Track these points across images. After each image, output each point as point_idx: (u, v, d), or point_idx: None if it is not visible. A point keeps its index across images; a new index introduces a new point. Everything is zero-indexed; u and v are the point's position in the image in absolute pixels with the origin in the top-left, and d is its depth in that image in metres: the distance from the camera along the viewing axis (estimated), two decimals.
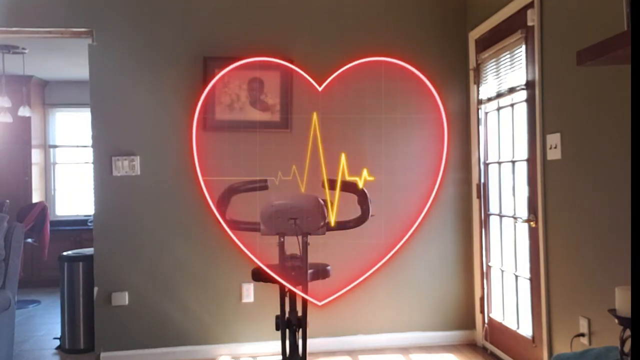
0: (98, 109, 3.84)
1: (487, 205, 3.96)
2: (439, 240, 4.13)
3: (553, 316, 3.11)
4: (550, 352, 3.13)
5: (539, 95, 3.15)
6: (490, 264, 3.94)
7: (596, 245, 2.69)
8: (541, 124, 3.14)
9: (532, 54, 3.22)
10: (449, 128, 4.05)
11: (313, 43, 4.00)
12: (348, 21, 4.06)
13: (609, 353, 1.99)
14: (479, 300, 4.05)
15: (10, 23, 3.81)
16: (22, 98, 6.77)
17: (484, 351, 3.95)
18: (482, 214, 4.00)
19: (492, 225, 3.93)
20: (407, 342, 4.05)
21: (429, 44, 4.13)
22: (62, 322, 4.14)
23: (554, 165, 3.05)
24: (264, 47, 3.92)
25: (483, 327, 4.00)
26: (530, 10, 3.19)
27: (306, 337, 2.70)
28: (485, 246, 3.99)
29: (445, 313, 4.12)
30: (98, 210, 3.84)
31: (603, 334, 2.64)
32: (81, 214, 7.36)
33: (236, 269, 3.85)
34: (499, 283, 3.84)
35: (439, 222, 4.12)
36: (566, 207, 2.96)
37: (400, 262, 4.04)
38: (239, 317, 3.93)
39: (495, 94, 3.73)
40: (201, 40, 3.89)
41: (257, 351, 3.90)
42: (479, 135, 4.01)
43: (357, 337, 4.02)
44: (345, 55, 3.95)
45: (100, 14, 3.82)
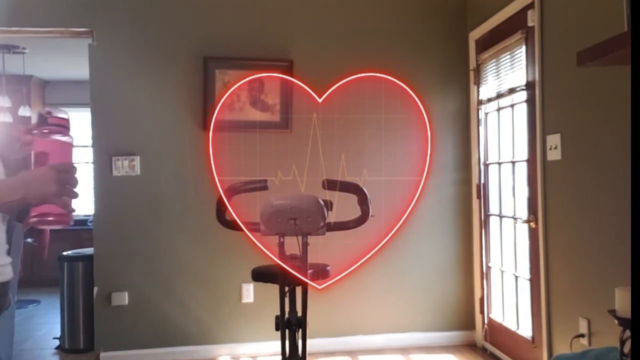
0: (98, 109, 3.84)
1: (487, 205, 3.96)
2: (439, 241, 4.13)
3: (553, 317, 3.11)
4: (550, 353, 3.13)
5: (539, 95, 3.15)
6: (490, 265, 3.94)
7: (596, 245, 2.69)
8: (541, 125, 3.14)
9: (532, 54, 3.22)
10: (448, 129, 4.05)
11: (313, 42, 4.00)
12: (348, 20, 4.06)
13: (609, 354, 1.99)
14: (479, 300, 4.05)
15: (10, 23, 3.81)
16: (22, 98, 6.76)
17: (484, 352, 3.94)
18: (482, 215, 4.00)
19: (492, 226, 3.93)
20: (407, 342, 4.05)
21: (429, 44, 4.13)
22: (62, 322, 4.14)
23: (554, 165, 3.05)
24: (264, 47, 3.92)
25: (483, 327, 4.00)
26: (531, 10, 3.19)
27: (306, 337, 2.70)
28: (485, 247, 3.99)
29: (445, 313, 4.12)
30: (98, 210, 3.84)
31: (603, 334, 2.64)
32: (81, 213, 7.35)
33: (236, 269, 3.85)
34: (498, 283, 3.84)
35: (439, 223, 4.12)
36: (566, 208, 2.96)
37: (400, 262, 4.04)
38: (239, 317, 3.92)
39: (496, 95, 3.73)
40: (201, 40, 3.89)
41: (257, 351, 3.90)
42: (479, 135, 4.01)
43: (357, 337, 4.02)
44: (346, 55, 3.95)
45: (100, 14, 3.82)
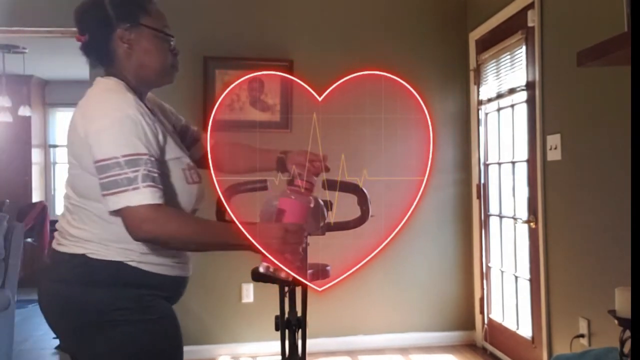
0: None
1: (487, 205, 3.96)
2: (438, 241, 4.12)
3: (553, 317, 3.11)
4: (549, 353, 3.13)
5: (539, 96, 3.15)
6: (490, 265, 3.94)
7: (596, 245, 2.69)
8: (541, 125, 3.14)
9: (532, 54, 3.22)
10: (448, 129, 4.05)
11: (313, 42, 4.00)
12: (348, 20, 4.06)
13: (609, 354, 1.99)
14: (479, 300, 4.05)
15: (10, 23, 3.81)
16: (23, 97, 6.77)
17: (484, 352, 3.94)
18: (482, 215, 4.00)
19: (492, 226, 3.93)
20: (406, 342, 4.05)
21: (430, 44, 4.13)
22: None
23: (554, 166, 3.05)
24: (264, 47, 3.92)
25: (483, 327, 4.00)
26: (531, 11, 3.19)
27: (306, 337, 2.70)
28: (485, 247, 3.99)
29: (444, 313, 4.12)
30: None
31: (603, 335, 2.63)
32: None
33: (236, 269, 3.84)
34: (498, 284, 3.84)
35: (439, 223, 4.11)
36: (566, 208, 2.96)
37: (400, 263, 4.04)
38: (239, 317, 3.92)
39: (496, 95, 3.73)
40: (201, 40, 3.89)
41: (256, 351, 3.90)
42: (479, 135, 4.01)
43: (357, 337, 4.02)
44: (346, 55, 3.95)
45: None
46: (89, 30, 1.52)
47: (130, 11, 1.52)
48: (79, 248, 1.45)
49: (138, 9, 1.54)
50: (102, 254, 1.44)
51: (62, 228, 1.51)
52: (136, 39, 1.52)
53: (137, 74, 1.55)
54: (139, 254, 1.45)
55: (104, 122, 1.39)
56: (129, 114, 1.40)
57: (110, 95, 1.47)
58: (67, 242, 1.48)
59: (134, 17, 1.52)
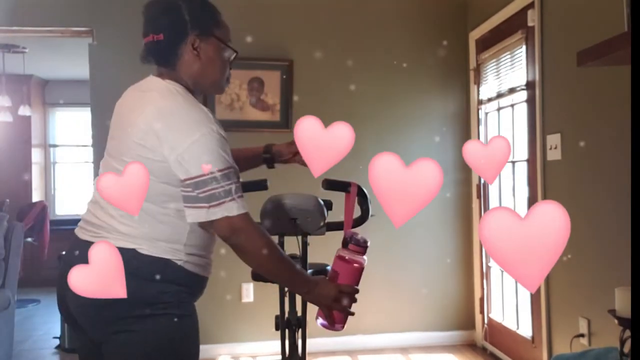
0: (98, 109, 3.83)
1: (487, 205, 3.96)
2: (439, 241, 4.13)
3: (553, 317, 3.11)
4: (550, 353, 3.13)
5: (539, 95, 3.15)
6: (490, 265, 3.94)
7: (596, 245, 2.69)
8: (541, 125, 3.14)
9: (532, 54, 3.22)
10: (448, 129, 4.06)
11: (313, 42, 4.00)
12: (348, 20, 4.05)
13: (609, 354, 1.99)
14: (479, 300, 4.05)
15: (10, 22, 3.81)
16: (22, 97, 6.76)
17: (484, 351, 3.94)
18: (482, 214, 4.00)
19: None
20: (406, 342, 4.05)
21: (429, 44, 4.12)
22: (62, 322, 4.14)
23: (554, 165, 3.05)
24: (264, 47, 3.91)
25: (483, 327, 4.00)
26: (531, 10, 3.19)
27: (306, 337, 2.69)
28: None
29: (445, 313, 4.12)
30: None
31: (603, 334, 2.63)
32: (81, 213, 7.32)
33: (236, 269, 3.81)
34: (498, 283, 3.84)
35: (439, 222, 4.11)
36: (566, 208, 2.95)
37: (400, 262, 4.04)
38: (239, 316, 3.92)
39: (496, 95, 3.73)
40: None
41: (256, 351, 3.90)
42: (479, 135, 4.01)
43: (356, 337, 4.01)
44: (346, 55, 3.95)
45: (100, 14, 3.82)
46: (164, 30, 1.56)
47: (205, 20, 1.60)
48: (129, 243, 1.50)
49: (212, 20, 1.63)
50: (152, 250, 1.51)
51: (105, 223, 1.56)
52: (205, 47, 1.60)
53: (196, 80, 1.61)
54: (185, 254, 1.56)
55: (193, 137, 1.45)
56: (213, 129, 1.47)
57: (191, 108, 1.51)
58: (113, 237, 1.51)
59: (207, 26, 1.60)
